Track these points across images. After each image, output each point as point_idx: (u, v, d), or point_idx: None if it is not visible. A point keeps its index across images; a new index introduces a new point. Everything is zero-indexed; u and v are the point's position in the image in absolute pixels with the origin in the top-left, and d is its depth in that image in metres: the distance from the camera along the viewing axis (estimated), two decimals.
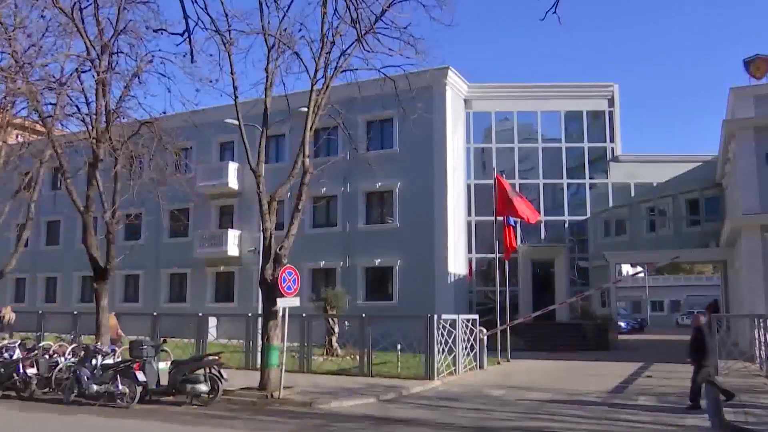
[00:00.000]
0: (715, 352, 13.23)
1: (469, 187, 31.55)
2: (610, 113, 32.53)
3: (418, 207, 28.71)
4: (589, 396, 14.45)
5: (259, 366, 15.47)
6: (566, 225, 32.13)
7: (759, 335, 17.81)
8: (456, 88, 30.70)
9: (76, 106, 16.92)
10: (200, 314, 21.03)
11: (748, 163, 23.14)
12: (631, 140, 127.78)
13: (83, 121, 16.93)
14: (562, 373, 19.01)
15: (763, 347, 17.16)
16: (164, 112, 16.94)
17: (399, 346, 18.46)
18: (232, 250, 32.33)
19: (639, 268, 35.65)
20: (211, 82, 14.77)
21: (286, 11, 14.75)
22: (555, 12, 6.82)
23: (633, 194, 32.49)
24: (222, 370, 13.54)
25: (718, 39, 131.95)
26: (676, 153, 33.98)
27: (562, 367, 20.44)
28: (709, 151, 32.02)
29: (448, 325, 17.87)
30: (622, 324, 40.04)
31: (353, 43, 14.65)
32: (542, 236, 31.91)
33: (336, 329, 23.07)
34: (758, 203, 22.65)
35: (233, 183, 32.86)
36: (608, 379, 17.23)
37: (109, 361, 14.13)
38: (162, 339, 15.97)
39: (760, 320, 17.77)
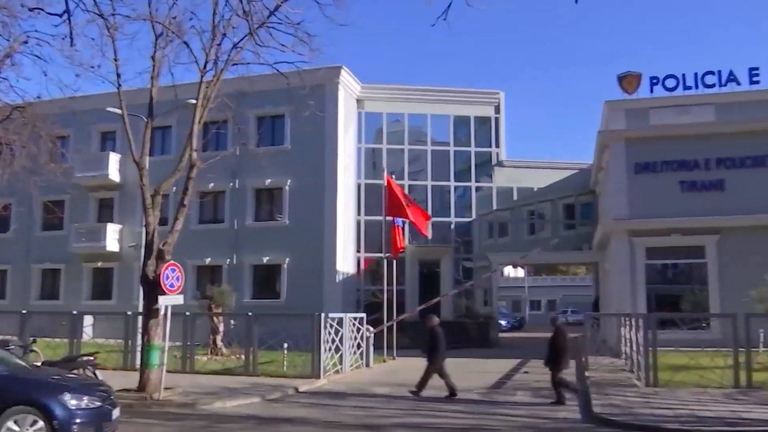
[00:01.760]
0: (444, 350, 14.60)
1: (359, 186, 31.79)
2: (496, 119, 33.88)
3: (307, 205, 28.56)
4: (470, 392, 14.94)
5: (138, 367, 14.91)
6: (452, 226, 33.11)
7: (625, 333, 19.00)
8: (348, 87, 30.83)
9: None
10: (74, 312, 20.10)
11: (619, 171, 24.70)
12: (514, 146, 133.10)
13: None
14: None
15: (628, 344, 18.33)
16: (39, 97, 15.90)
17: (286, 345, 18.33)
18: (112, 245, 30.86)
19: (511, 267, 37.33)
20: (92, 67, 14.04)
21: None
22: (445, 19, 7.05)
23: (515, 198, 33.99)
24: (97, 371, 13.08)
25: (595, 53, 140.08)
26: (556, 160, 35.75)
27: (445, 364, 20.96)
28: (585, 160, 33.99)
29: (335, 324, 17.95)
30: (503, 322, 41.68)
31: (245, 36, 14.40)
32: (429, 237, 32.67)
33: (221, 328, 22.61)
34: (627, 210, 24.22)
35: (114, 175, 31.35)
36: (488, 376, 17.92)
37: None
38: (31, 339, 15.13)
39: (626, 319, 18.97)
